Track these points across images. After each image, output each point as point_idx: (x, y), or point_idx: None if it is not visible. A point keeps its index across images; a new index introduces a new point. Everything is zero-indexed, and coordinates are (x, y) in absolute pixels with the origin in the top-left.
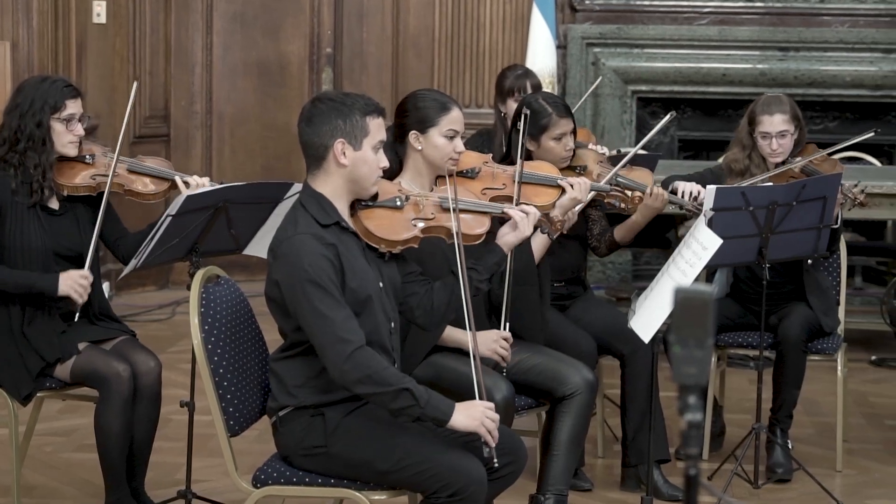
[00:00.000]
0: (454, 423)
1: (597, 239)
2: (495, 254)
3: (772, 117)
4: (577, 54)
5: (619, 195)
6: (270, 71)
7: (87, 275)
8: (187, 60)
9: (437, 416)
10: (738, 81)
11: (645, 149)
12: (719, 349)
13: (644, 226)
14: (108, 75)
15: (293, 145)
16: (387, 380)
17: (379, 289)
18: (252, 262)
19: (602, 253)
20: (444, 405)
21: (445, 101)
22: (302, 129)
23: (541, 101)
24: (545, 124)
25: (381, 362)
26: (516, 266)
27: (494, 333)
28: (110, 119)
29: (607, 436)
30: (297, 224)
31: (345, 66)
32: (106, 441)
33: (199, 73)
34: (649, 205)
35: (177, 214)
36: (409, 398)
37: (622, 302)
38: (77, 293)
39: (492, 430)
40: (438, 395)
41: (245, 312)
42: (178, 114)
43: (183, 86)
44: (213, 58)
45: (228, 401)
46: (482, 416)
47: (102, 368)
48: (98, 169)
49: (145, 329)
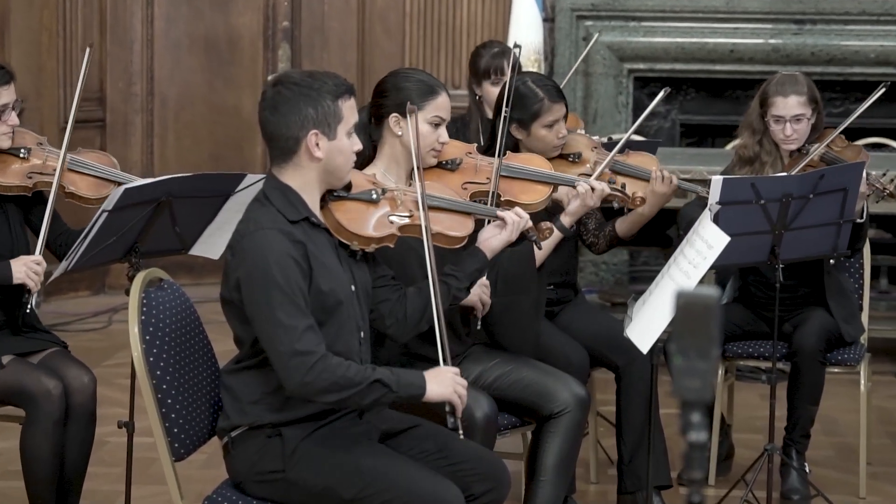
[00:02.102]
0: (429, 395)
1: (593, 234)
2: (476, 258)
3: (786, 99)
4: (566, 28)
5: (619, 194)
6: (219, 47)
7: (40, 259)
8: (125, 35)
9: (411, 393)
10: (748, 58)
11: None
12: (727, 360)
13: (651, 217)
14: (34, 52)
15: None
16: (353, 380)
17: (351, 293)
18: (198, 263)
19: (601, 249)
20: (416, 379)
21: (433, 84)
22: (266, 119)
23: (530, 84)
24: (536, 110)
25: (342, 363)
26: (510, 271)
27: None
28: (37, 103)
29: (601, 459)
30: (262, 219)
31: (304, 41)
32: (33, 467)
33: (138, 49)
34: (657, 191)
35: (113, 210)
36: (380, 388)
37: (617, 307)
38: (32, 280)
39: (462, 397)
40: (404, 370)
41: (192, 320)
42: (114, 96)
43: (120, 64)
44: (154, 32)
45: (173, 420)
46: (453, 382)
47: (29, 385)
48: (34, 164)
49: (78, 340)
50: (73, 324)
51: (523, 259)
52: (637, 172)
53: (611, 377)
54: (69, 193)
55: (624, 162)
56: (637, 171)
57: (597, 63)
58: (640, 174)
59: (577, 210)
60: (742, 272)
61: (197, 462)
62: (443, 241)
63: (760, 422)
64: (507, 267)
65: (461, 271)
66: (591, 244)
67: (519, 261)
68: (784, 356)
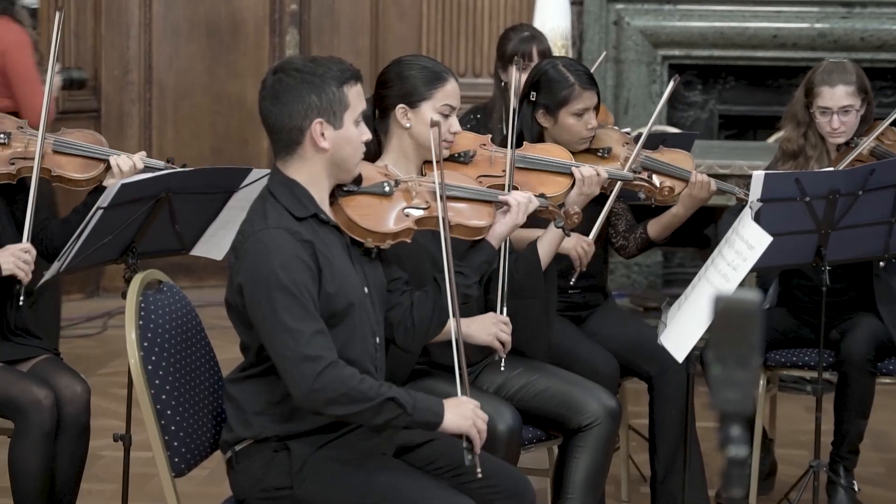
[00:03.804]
0: (446, 425)
1: (623, 236)
2: (483, 250)
3: (833, 89)
4: (595, 12)
5: (645, 185)
6: (221, 32)
7: (28, 247)
8: (121, 20)
9: (427, 419)
10: (792, 45)
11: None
12: (769, 370)
13: (685, 219)
14: None
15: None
16: (365, 394)
17: (364, 295)
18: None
19: (631, 253)
20: (433, 405)
21: (440, 71)
22: (267, 109)
23: (561, 67)
24: (566, 96)
25: (355, 374)
26: (517, 276)
27: (492, 316)
28: None
29: (633, 475)
30: (267, 217)
31: (313, 26)
32: (22, 483)
33: (135, 35)
34: (693, 195)
35: (109, 207)
36: (393, 408)
37: (650, 312)
38: (21, 270)
39: (481, 432)
40: (423, 394)
41: (193, 325)
42: (109, 85)
43: (116, 51)
44: (152, 16)
45: (173, 433)
46: (473, 414)
47: (18, 395)
48: (15, 150)
49: (70, 346)
50: (64, 329)
51: (530, 262)
52: (670, 170)
53: (643, 387)
54: (57, 177)
55: (657, 159)
56: (670, 168)
57: (628, 49)
58: (672, 172)
59: (576, 199)
60: (785, 275)
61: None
62: (463, 233)
63: (805, 436)
64: (514, 271)
65: (468, 266)
66: (620, 247)
67: (525, 264)
68: (831, 365)
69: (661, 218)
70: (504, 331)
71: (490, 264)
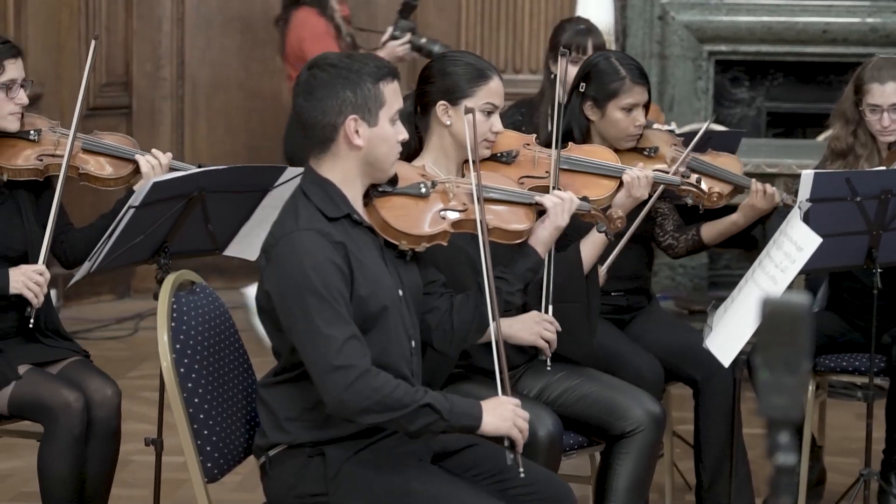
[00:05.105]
0: (485, 428)
1: (672, 235)
2: (528, 257)
3: (883, 86)
4: (639, 6)
5: (693, 190)
6: (255, 26)
7: (42, 269)
8: (152, 13)
9: (465, 423)
10: (843, 40)
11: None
12: (818, 375)
13: (744, 228)
14: (53, 31)
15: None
16: (400, 400)
17: (398, 298)
18: (233, 265)
19: (679, 253)
20: (471, 408)
21: (483, 68)
22: (300, 105)
23: (613, 60)
24: (615, 89)
25: (389, 381)
26: (558, 279)
27: (535, 315)
28: (56, 86)
29: (677, 483)
30: (298, 217)
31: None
32: (51, 487)
33: (167, 28)
34: (757, 205)
35: (141, 206)
36: (429, 413)
37: (695, 316)
38: (32, 292)
39: (523, 431)
40: (459, 398)
41: (226, 328)
42: (141, 80)
43: (148, 45)
44: (184, 9)
45: (205, 438)
46: (513, 415)
47: (48, 398)
48: (45, 147)
49: (100, 348)
50: (94, 331)
51: (572, 264)
52: (720, 174)
53: (688, 393)
54: (84, 175)
55: (707, 162)
56: (720, 172)
57: (673, 44)
58: (722, 176)
59: (624, 202)
60: (835, 277)
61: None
62: (500, 237)
63: (855, 444)
64: (555, 274)
65: (511, 273)
66: (668, 246)
67: (566, 266)
68: (882, 371)
69: (718, 225)
70: (549, 329)
71: (535, 272)
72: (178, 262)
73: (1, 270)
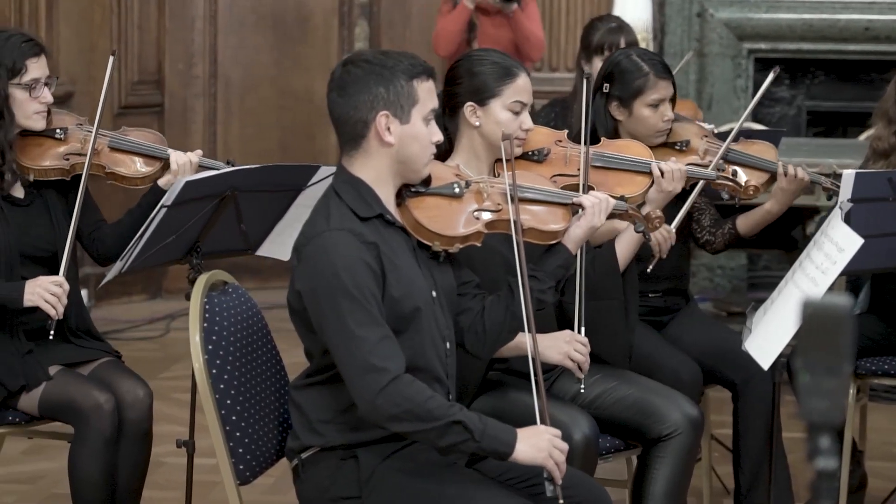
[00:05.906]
0: (517, 456)
1: (709, 231)
2: (559, 255)
3: None
4: (678, 3)
5: (729, 184)
6: (288, 24)
7: (60, 281)
8: (185, 11)
9: (496, 448)
10: (885, 37)
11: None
12: (859, 379)
13: (778, 216)
14: (85, 30)
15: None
16: (432, 412)
17: (431, 299)
18: (266, 265)
19: (717, 248)
20: (504, 434)
21: (510, 66)
22: (333, 101)
23: (634, 57)
24: (640, 86)
25: (423, 391)
26: (595, 276)
27: (567, 334)
28: (88, 86)
29: (715, 487)
30: (330, 217)
31: (383, 18)
32: (82, 489)
33: (199, 27)
34: (785, 188)
35: (173, 205)
36: (460, 432)
37: (734, 317)
38: (49, 304)
39: (560, 464)
40: (495, 421)
41: (259, 328)
42: (173, 79)
43: (180, 44)
44: (217, 7)
45: (238, 440)
46: (549, 445)
47: (79, 399)
48: (72, 146)
49: (131, 349)
50: (126, 331)
51: (607, 261)
52: (755, 162)
53: (727, 396)
54: (111, 174)
55: (739, 151)
56: (753, 160)
57: (713, 42)
58: (758, 164)
59: (656, 197)
60: (877, 279)
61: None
62: (535, 237)
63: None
64: (590, 271)
65: (542, 270)
66: (706, 242)
67: (602, 263)
68: None
69: (753, 214)
70: (580, 350)
71: (566, 269)
72: (211, 262)
73: (16, 283)
